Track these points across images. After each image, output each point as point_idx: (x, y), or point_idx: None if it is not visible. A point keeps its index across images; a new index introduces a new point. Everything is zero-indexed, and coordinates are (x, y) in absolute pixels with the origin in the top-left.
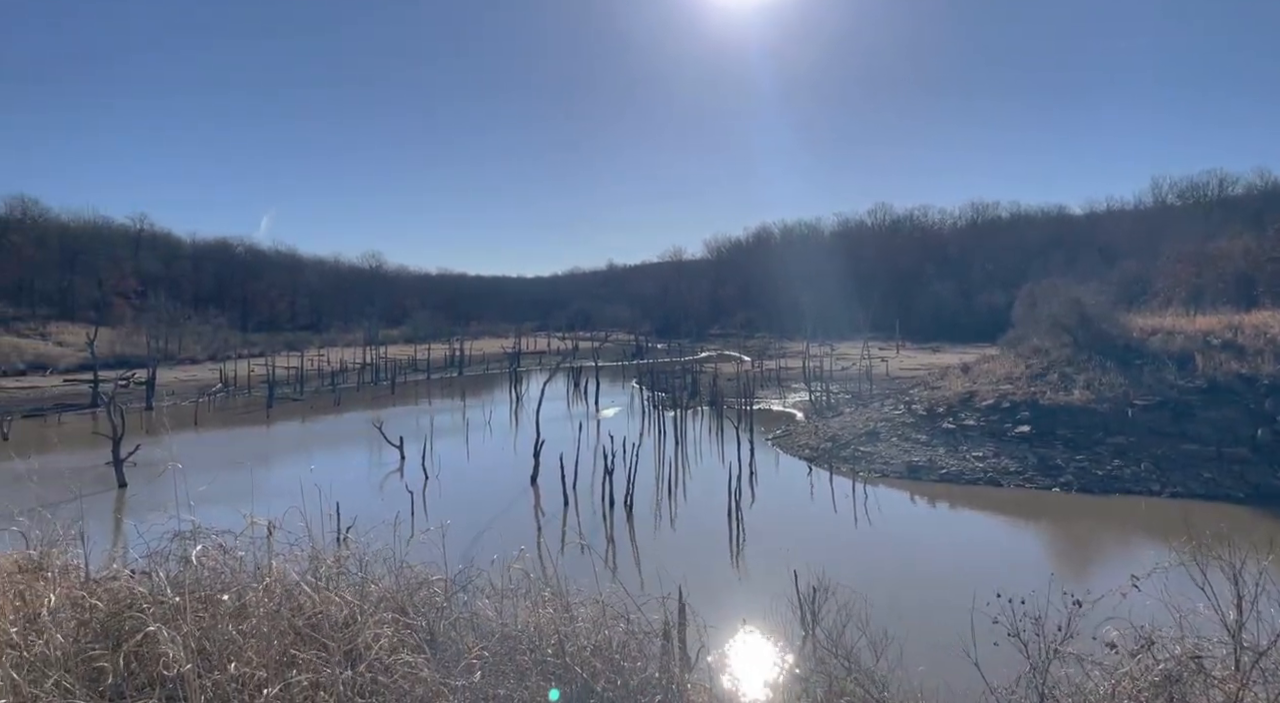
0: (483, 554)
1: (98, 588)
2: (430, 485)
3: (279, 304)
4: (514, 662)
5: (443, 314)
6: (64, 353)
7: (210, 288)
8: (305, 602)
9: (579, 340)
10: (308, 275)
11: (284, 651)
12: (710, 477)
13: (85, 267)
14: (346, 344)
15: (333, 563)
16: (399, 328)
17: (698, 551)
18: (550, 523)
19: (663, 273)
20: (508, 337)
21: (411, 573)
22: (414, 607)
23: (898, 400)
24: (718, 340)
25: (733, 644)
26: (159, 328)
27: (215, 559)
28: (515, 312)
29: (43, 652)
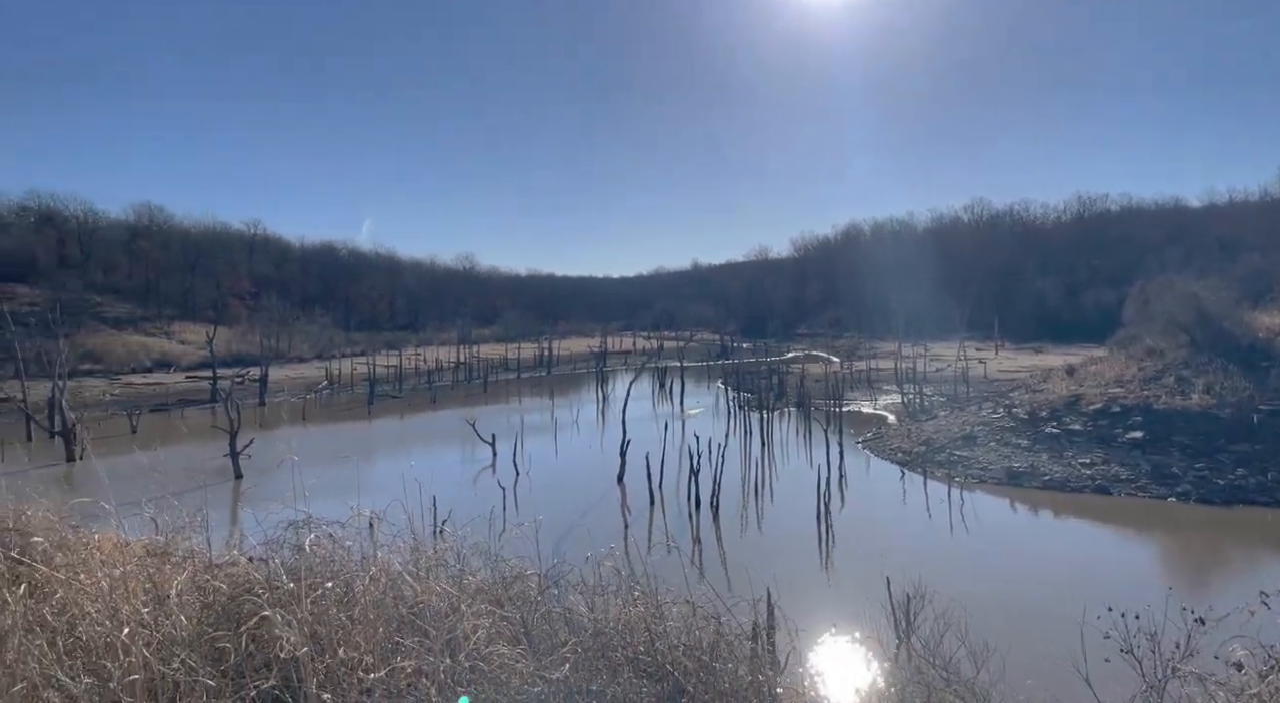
0: (572, 550)
1: (219, 572)
2: (521, 481)
3: (379, 305)
4: (606, 658)
5: (532, 314)
6: (186, 351)
7: (316, 289)
8: (407, 591)
9: (664, 340)
10: (406, 277)
11: (388, 637)
12: (798, 479)
13: (205, 270)
14: (441, 343)
15: (432, 555)
16: (490, 328)
17: (785, 553)
18: (637, 521)
19: (748, 272)
20: (594, 337)
21: (506, 566)
22: (508, 599)
23: (997, 403)
24: (805, 340)
25: (823, 649)
26: (270, 328)
27: (325, 548)
28: (602, 312)
29: (170, 631)
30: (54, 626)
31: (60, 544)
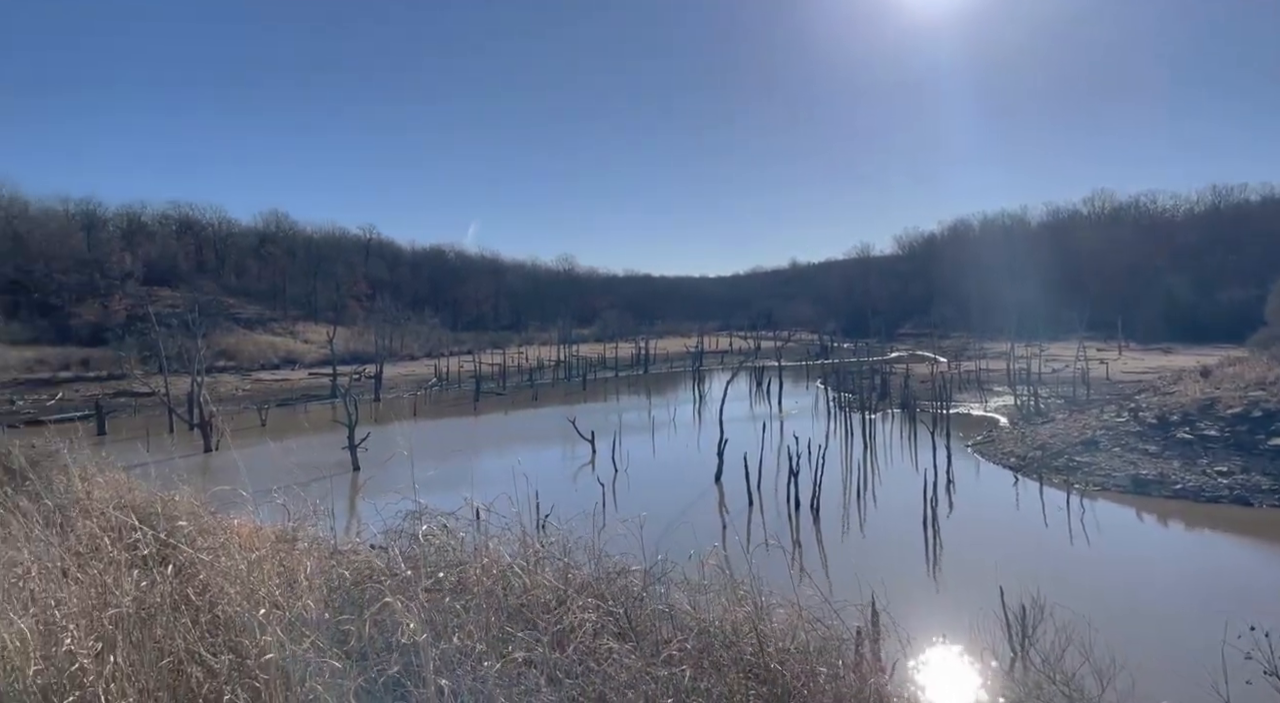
0: (671, 548)
1: (343, 559)
2: (619, 479)
3: (484, 305)
4: (712, 657)
5: (629, 314)
6: (309, 349)
7: (426, 291)
8: (516, 583)
9: (761, 340)
10: (509, 278)
11: (499, 627)
12: (902, 483)
13: (326, 273)
14: (542, 343)
15: (539, 548)
16: (589, 327)
17: (889, 559)
18: (735, 522)
19: (848, 270)
20: (691, 336)
21: (609, 562)
22: (612, 595)
23: (1121, 407)
24: (909, 340)
25: (932, 659)
26: (384, 328)
27: (439, 538)
28: (698, 311)
29: (300, 613)
30: (197, 604)
31: (202, 528)
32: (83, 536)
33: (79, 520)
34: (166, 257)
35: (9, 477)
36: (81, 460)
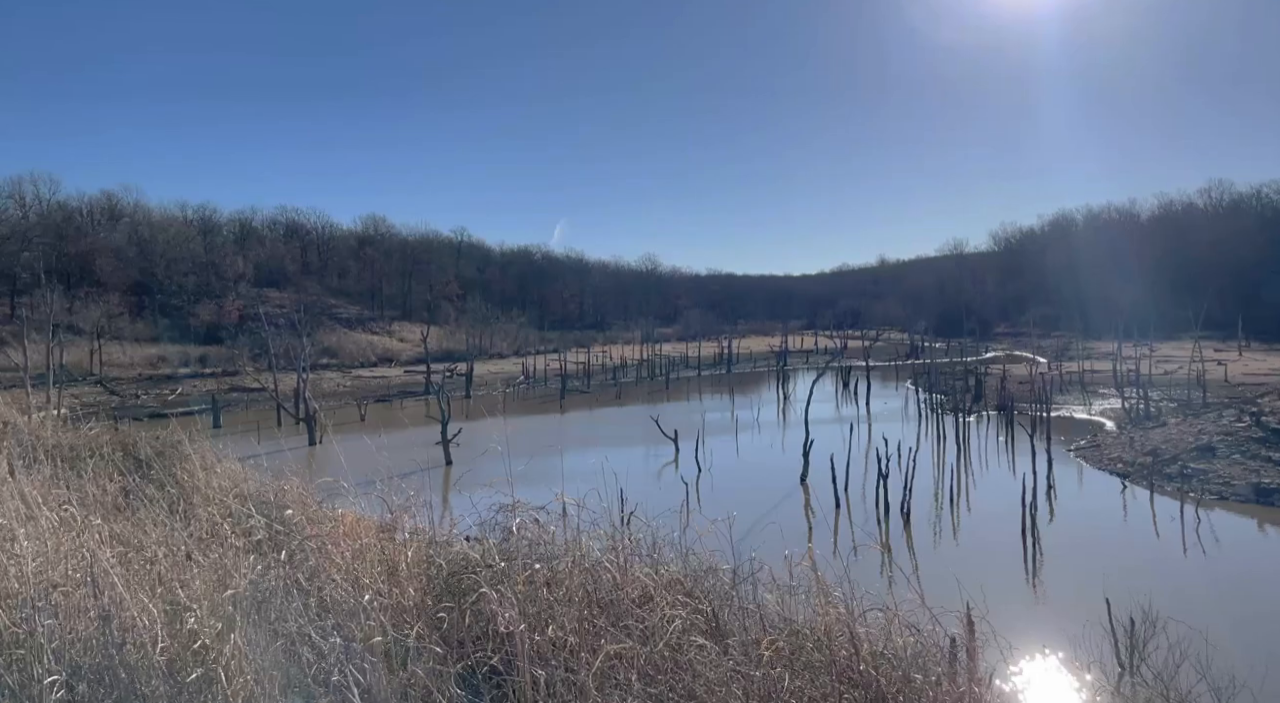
0: (757, 548)
1: (440, 550)
2: (702, 478)
3: (569, 305)
4: (803, 658)
5: (712, 313)
6: (404, 347)
7: (514, 291)
8: (606, 577)
9: (848, 339)
10: (593, 278)
11: (589, 620)
12: (998, 488)
13: (420, 274)
14: (626, 342)
15: (629, 544)
16: (672, 326)
17: (985, 566)
18: (821, 524)
19: (940, 267)
20: (775, 335)
21: (696, 560)
22: (700, 592)
23: (1241, 411)
24: (1006, 339)
25: (1032, 670)
26: (474, 326)
27: (531, 532)
28: (782, 310)
29: (400, 601)
30: (306, 589)
31: (310, 517)
32: (203, 522)
33: (200, 508)
34: (275, 259)
35: (136, 466)
36: (201, 451)
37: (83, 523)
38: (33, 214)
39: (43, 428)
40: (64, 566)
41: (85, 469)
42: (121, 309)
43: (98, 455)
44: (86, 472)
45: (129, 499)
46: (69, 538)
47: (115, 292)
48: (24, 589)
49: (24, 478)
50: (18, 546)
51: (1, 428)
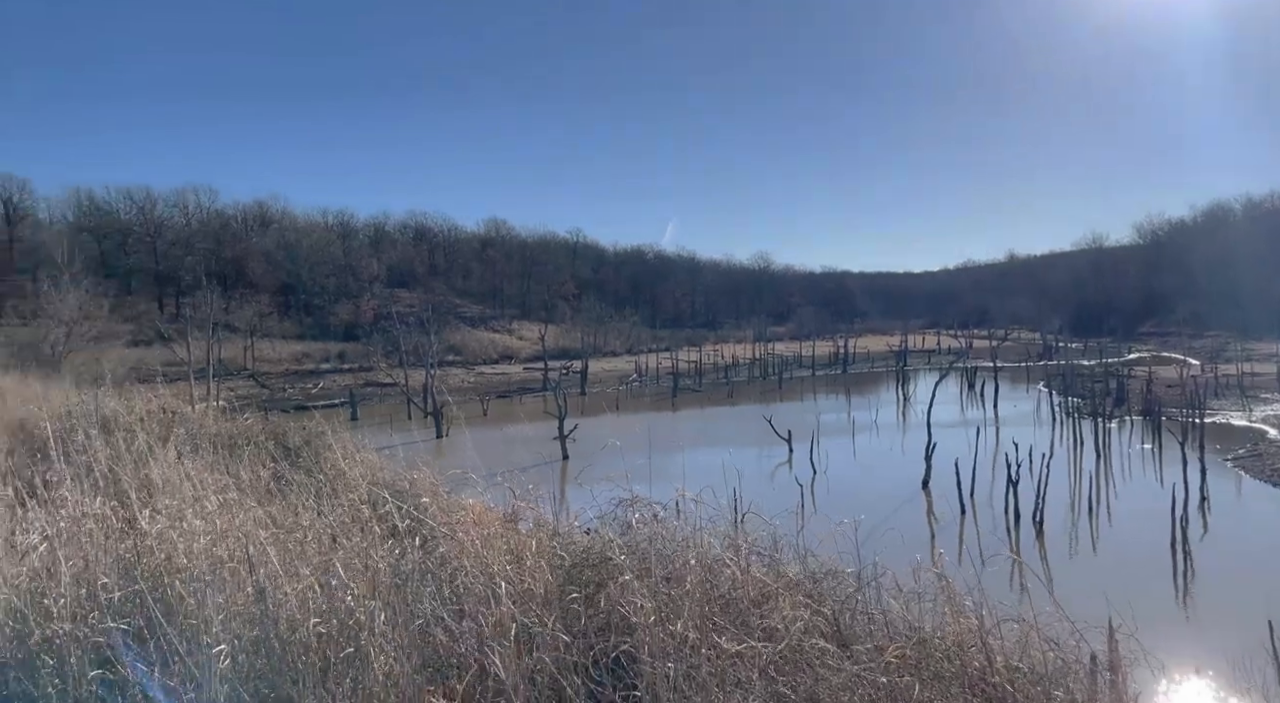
0: (877, 552)
1: (561, 541)
2: (818, 480)
3: (681, 303)
4: (931, 668)
5: (827, 311)
6: (523, 345)
7: (627, 290)
8: (725, 575)
9: (973, 338)
10: (705, 277)
11: (709, 617)
12: (1143, 499)
13: (538, 274)
14: (738, 340)
15: (749, 542)
16: (785, 325)
17: (1127, 581)
18: (945, 531)
19: (1076, 262)
20: (894, 334)
21: (816, 561)
22: (820, 595)
23: None
24: (1151, 339)
25: (1184, 693)
26: (589, 325)
27: (650, 527)
28: (902, 308)
29: (529, 588)
30: (438, 575)
31: (440, 506)
32: (345, 508)
33: (342, 494)
34: (405, 261)
35: (286, 454)
36: (341, 442)
37: (240, 505)
38: (195, 222)
39: (205, 418)
40: (225, 544)
41: (242, 456)
42: (271, 309)
43: (252, 444)
44: (243, 458)
45: (280, 485)
46: (228, 519)
47: (265, 292)
48: (193, 565)
49: (190, 463)
50: (187, 524)
51: (170, 417)
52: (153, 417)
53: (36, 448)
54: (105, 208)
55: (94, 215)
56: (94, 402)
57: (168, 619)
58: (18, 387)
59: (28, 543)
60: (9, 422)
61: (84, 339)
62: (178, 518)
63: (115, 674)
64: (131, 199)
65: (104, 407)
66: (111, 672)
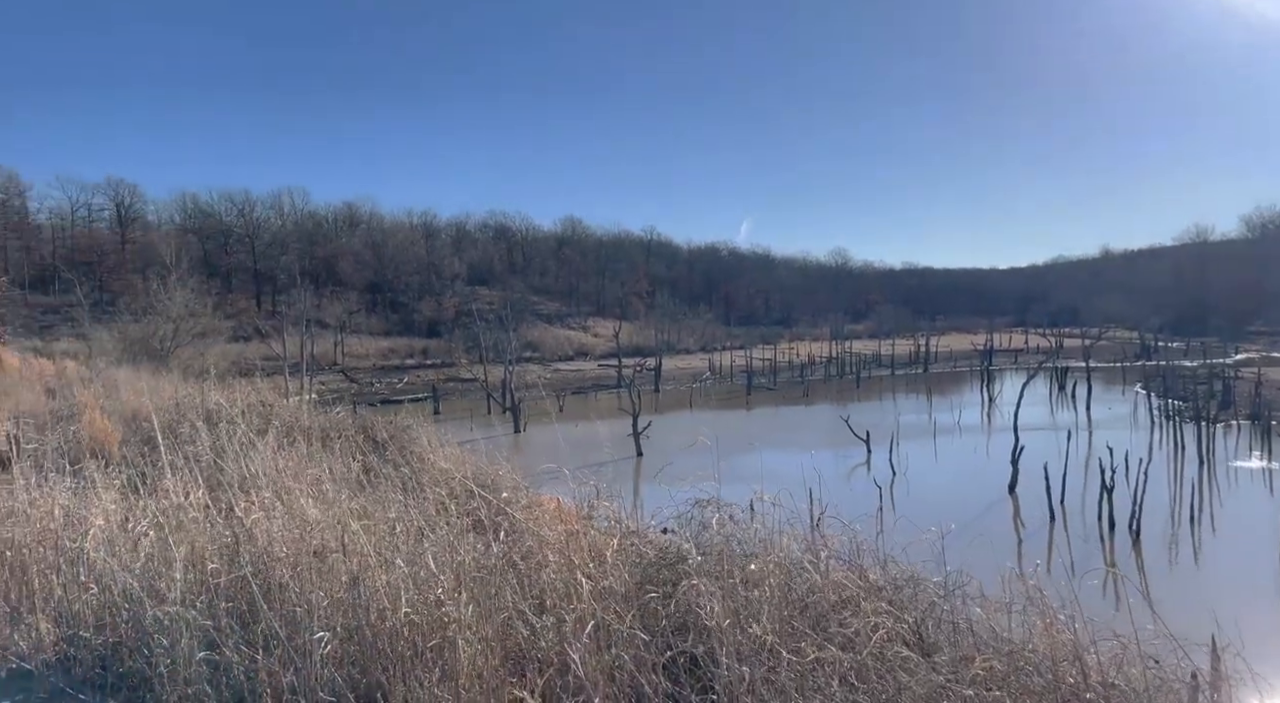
0: (960, 559)
1: (638, 539)
2: (897, 482)
3: (755, 301)
4: (1021, 682)
5: (907, 309)
6: (597, 342)
7: (701, 287)
8: (803, 579)
9: (1064, 337)
10: (779, 274)
11: (787, 621)
12: (1252, 508)
13: (612, 272)
14: (814, 338)
15: (829, 546)
16: (863, 323)
17: (1234, 595)
18: (1032, 538)
19: (1177, 257)
20: (978, 333)
21: (896, 567)
22: (902, 601)
23: None
24: (1262, 339)
25: None
26: (663, 323)
27: (728, 527)
28: (986, 306)
29: (609, 586)
30: (521, 569)
31: (522, 502)
32: (430, 500)
33: (428, 487)
34: (485, 260)
35: (374, 447)
36: (426, 435)
37: (334, 497)
38: (289, 223)
39: (299, 411)
40: (321, 534)
41: (333, 449)
42: (359, 306)
43: (343, 437)
44: (334, 451)
45: (369, 477)
46: (324, 509)
47: (354, 290)
48: (291, 552)
49: (287, 454)
50: (285, 513)
51: (268, 410)
52: (252, 410)
53: (147, 437)
54: (208, 210)
55: (198, 217)
56: (199, 395)
57: (268, 605)
58: (131, 379)
59: (140, 529)
60: (124, 413)
61: (189, 335)
62: (276, 508)
63: (221, 656)
64: (232, 201)
65: (208, 399)
66: (217, 653)
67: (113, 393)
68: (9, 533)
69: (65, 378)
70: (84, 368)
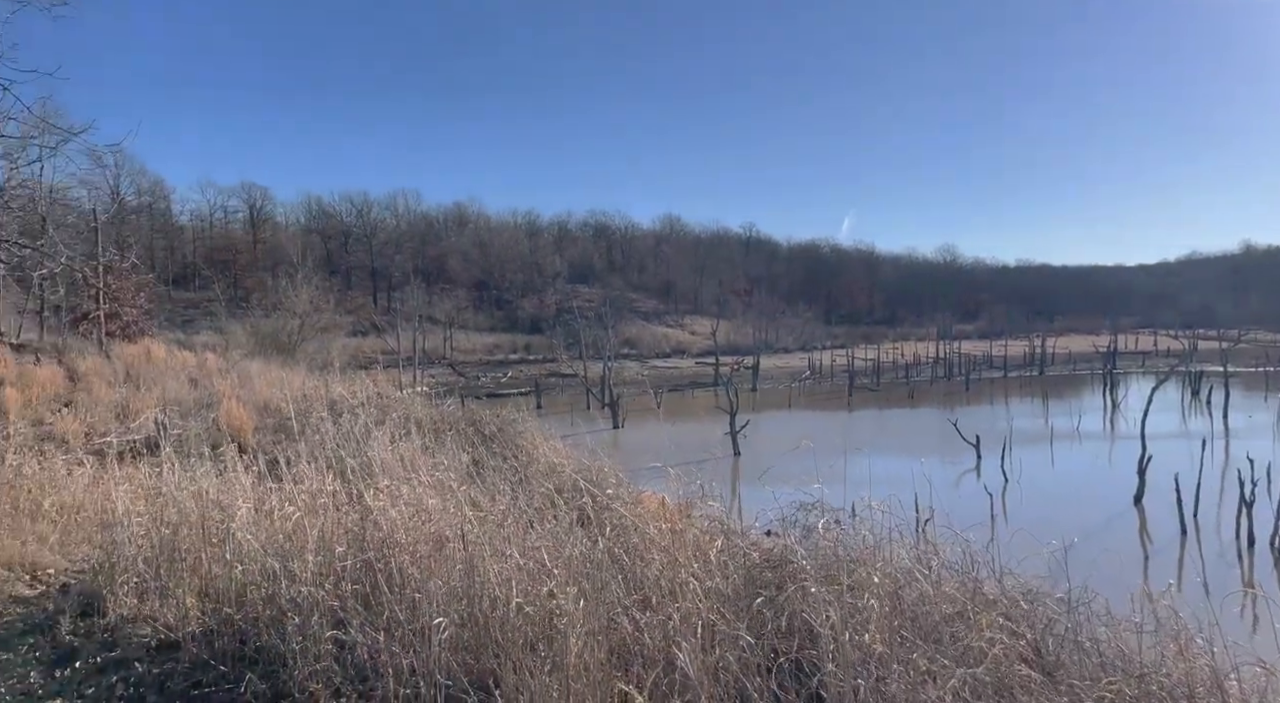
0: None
1: (741, 540)
2: (1010, 490)
3: (858, 299)
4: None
5: (1021, 308)
6: (694, 340)
7: (800, 285)
8: (914, 588)
9: (1199, 340)
10: (884, 271)
11: (896, 631)
12: None
13: (710, 270)
14: (919, 338)
15: (940, 555)
16: (973, 323)
17: None
18: (1160, 554)
19: None
20: (1101, 334)
21: (1013, 580)
22: (1020, 617)
23: None
24: None
25: None
26: (762, 321)
27: (833, 532)
28: (1111, 305)
29: (716, 587)
30: (625, 565)
31: (625, 497)
32: (537, 493)
33: (534, 481)
34: (585, 258)
35: (482, 439)
36: (531, 429)
37: (448, 487)
38: (403, 223)
39: (412, 403)
40: (436, 523)
41: (444, 440)
42: (467, 303)
43: (453, 429)
44: (445, 442)
45: (478, 469)
46: (439, 500)
47: (462, 288)
48: (410, 539)
49: (403, 445)
50: (404, 502)
51: (385, 402)
52: (371, 401)
53: (278, 425)
54: (330, 211)
55: (321, 219)
56: (324, 387)
57: (389, 589)
58: (262, 371)
59: (282, 512)
60: (257, 402)
61: (314, 330)
62: (396, 496)
63: (347, 636)
64: (351, 203)
65: (332, 391)
66: (344, 633)
67: (246, 384)
68: (161, 513)
69: (205, 369)
70: (221, 360)
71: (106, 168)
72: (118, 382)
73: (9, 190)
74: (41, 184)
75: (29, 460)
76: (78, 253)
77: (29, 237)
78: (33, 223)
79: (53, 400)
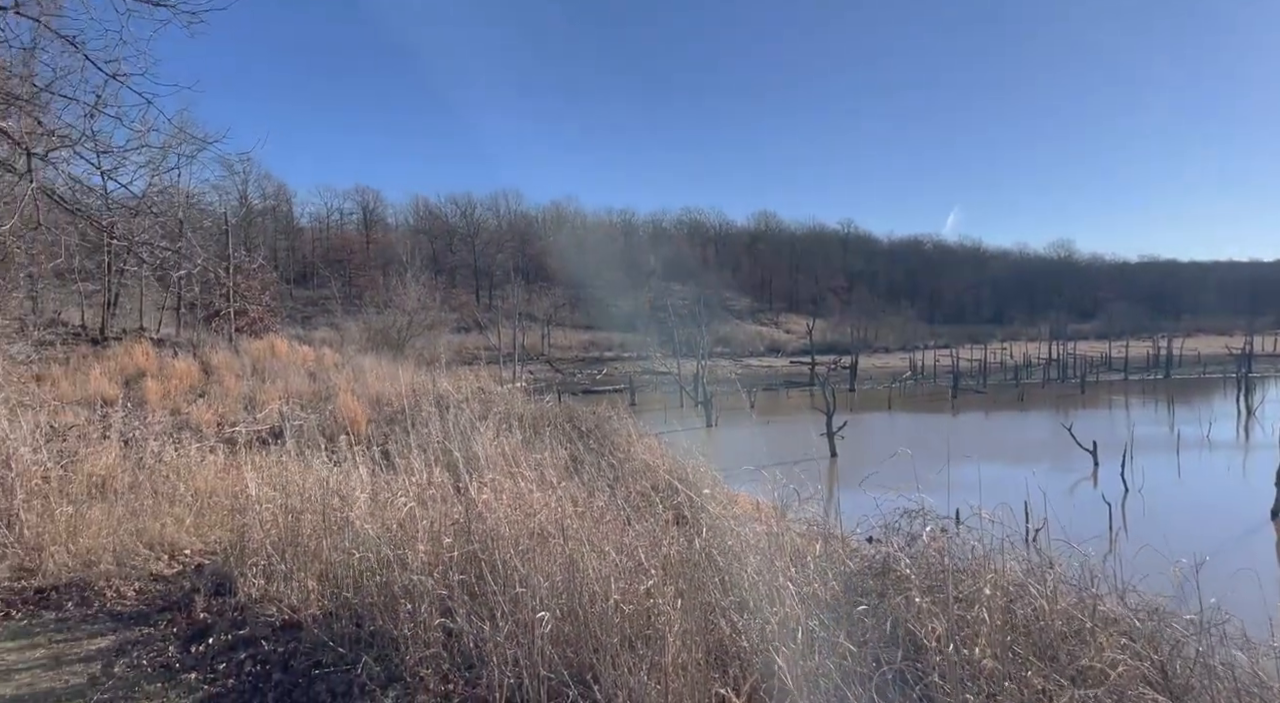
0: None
1: (841, 545)
2: (1130, 499)
3: (963, 297)
4: None
5: (1144, 306)
6: (790, 339)
7: (902, 283)
8: (1024, 601)
9: None
10: (992, 268)
11: (1008, 647)
12: None
13: (806, 267)
14: (1030, 338)
15: (1056, 568)
16: (1090, 322)
17: None
18: None
19: None
20: (1234, 334)
21: (1136, 597)
22: (1143, 636)
23: None
24: None
25: None
26: (860, 319)
27: (940, 541)
28: (1246, 303)
29: (814, 592)
30: (720, 565)
31: (717, 496)
32: (633, 490)
33: (630, 478)
34: (679, 256)
35: (580, 435)
36: (627, 427)
37: (549, 482)
38: (505, 223)
39: (512, 398)
40: (538, 517)
41: (544, 435)
42: (564, 301)
43: (552, 425)
44: (544, 438)
45: (576, 465)
46: (541, 495)
47: (560, 286)
48: (513, 532)
49: (506, 440)
50: (507, 495)
51: (488, 397)
52: (474, 396)
53: (389, 418)
54: (437, 212)
55: (429, 219)
56: (431, 382)
57: (494, 581)
58: (375, 366)
59: (397, 502)
60: (369, 396)
61: (421, 327)
62: (499, 490)
63: (454, 624)
64: (456, 204)
65: (438, 386)
66: (451, 621)
67: (360, 378)
68: (285, 500)
69: (322, 364)
70: (337, 355)
71: (237, 174)
72: (245, 375)
73: (150, 196)
74: (179, 190)
75: (167, 448)
76: (211, 254)
77: (168, 239)
78: (171, 226)
79: (188, 391)
